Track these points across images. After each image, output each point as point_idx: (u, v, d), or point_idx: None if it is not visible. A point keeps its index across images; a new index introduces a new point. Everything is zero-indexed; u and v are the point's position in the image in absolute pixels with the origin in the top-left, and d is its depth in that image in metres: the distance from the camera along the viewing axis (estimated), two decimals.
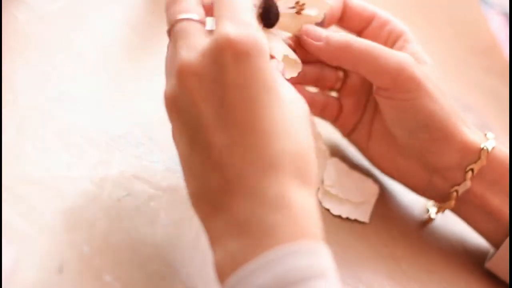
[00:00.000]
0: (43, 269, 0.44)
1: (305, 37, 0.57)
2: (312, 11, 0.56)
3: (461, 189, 0.60)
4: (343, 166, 0.63)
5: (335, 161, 0.63)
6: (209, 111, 0.45)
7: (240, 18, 0.46)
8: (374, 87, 0.60)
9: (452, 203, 0.60)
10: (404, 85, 0.57)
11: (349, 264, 0.57)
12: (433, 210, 0.64)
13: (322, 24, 0.59)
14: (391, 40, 0.61)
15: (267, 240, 0.42)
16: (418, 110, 0.58)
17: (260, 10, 0.53)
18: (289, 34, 0.56)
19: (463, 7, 0.96)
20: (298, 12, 0.56)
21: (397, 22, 0.61)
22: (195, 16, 0.47)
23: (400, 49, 0.59)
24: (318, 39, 0.57)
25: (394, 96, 0.58)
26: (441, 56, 0.83)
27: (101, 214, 0.49)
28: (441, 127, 0.58)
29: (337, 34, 0.58)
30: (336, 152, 0.65)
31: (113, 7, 0.64)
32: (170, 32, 0.48)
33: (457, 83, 0.81)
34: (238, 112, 0.44)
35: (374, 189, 0.64)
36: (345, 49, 0.57)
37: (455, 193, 0.60)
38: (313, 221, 0.44)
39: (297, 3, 0.56)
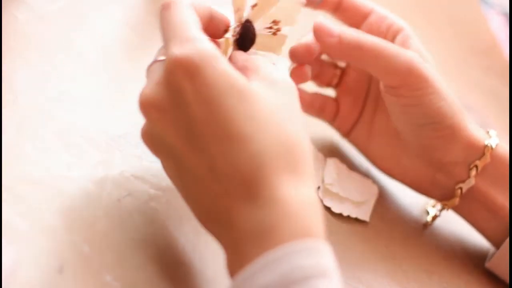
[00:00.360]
0: (43, 269, 0.44)
1: (318, 33, 0.57)
2: (286, 28, 0.55)
3: (466, 186, 0.60)
4: (343, 167, 0.63)
5: (335, 161, 0.63)
6: (179, 136, 0.45)
7: (182, 36, 0.45)
8: (382, 86, 0.59)
9: (456, 200, 0.60)
10: (414, 83, 0.57)
11: (349, 264, 0.57)
12: (432, 212, 0.64)
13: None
14: (391, 34, 0.61)
15: (269, 240, 0.42)
16: (427, 107, 0.58)
17: (238, 36, 0.53)
18: (275, 55, 0.55)
19: (463, 7, 0.96)
20: (274, 33, 0.55)
21: (395, 17, 0.61)
22: (162, 57, 0.47)
23: (402, 44, 0.59)
24: (330, 35, 0.57)
25: (403, 93, 0.58)
26: (441, 56, 0.83)
27: (101, 214, 0.49)
28: (448, 124, 0.58)
29: (348, 31, 0.58)
30: (335, 153, 0.65)
31: (113, 7, 0.64)
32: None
33: (457, 83, 0.81)
34: (206, 127, 0.44)
35: (373, 190, 0.64)
36: (356, 48, 0.57)
37: (459, 191, 0.60)
38: (314, 216, 0.44)
39: (273, 22, 0.54)
